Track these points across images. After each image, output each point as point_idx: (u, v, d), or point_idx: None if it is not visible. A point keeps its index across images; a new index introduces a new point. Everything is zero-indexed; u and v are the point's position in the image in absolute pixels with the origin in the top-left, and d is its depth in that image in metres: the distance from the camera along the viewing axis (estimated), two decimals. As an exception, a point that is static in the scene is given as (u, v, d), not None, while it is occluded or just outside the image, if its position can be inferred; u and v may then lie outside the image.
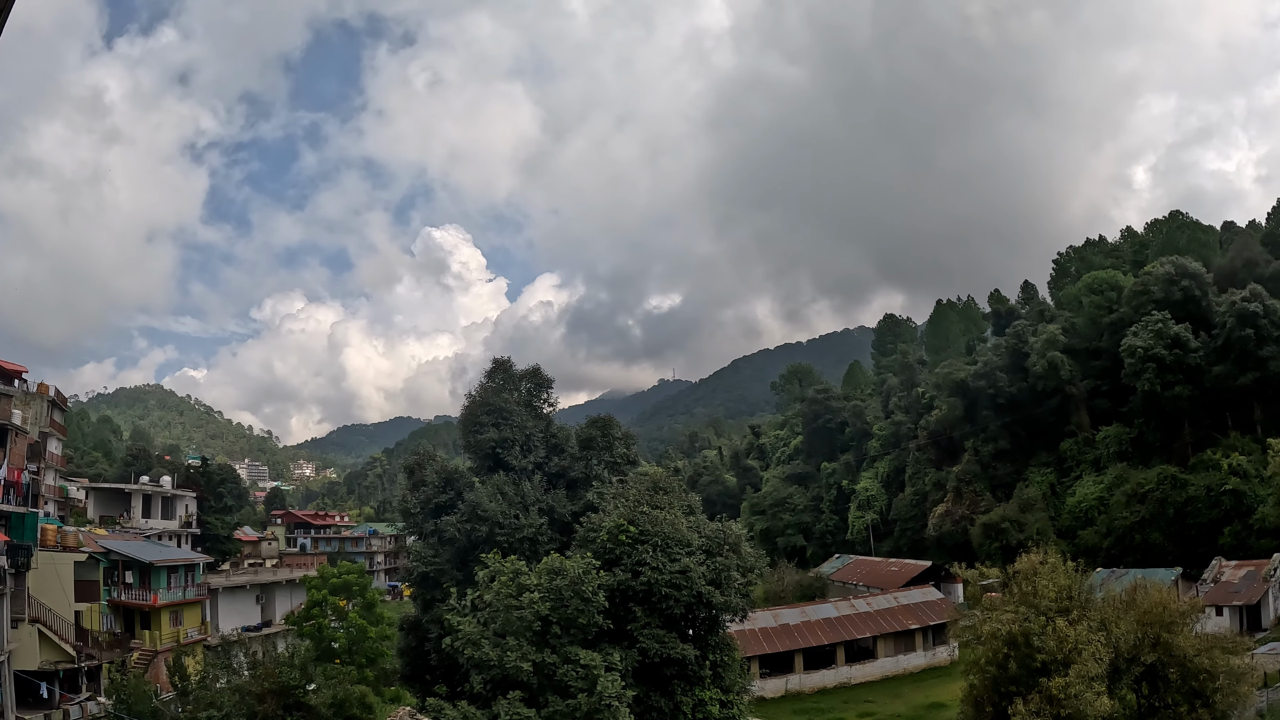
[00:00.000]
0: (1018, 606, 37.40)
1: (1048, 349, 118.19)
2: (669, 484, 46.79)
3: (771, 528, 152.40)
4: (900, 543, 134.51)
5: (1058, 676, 32.99)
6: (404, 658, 53.35)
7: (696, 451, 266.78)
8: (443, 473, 53.45)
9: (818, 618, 76.75)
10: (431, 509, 51.29)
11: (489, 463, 53.07)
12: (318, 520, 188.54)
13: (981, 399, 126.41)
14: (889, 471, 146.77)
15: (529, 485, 50.63)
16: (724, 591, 39.15)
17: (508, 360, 57.46)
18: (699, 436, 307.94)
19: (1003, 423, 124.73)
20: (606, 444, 55.58)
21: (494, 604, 34.84)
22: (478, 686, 34.26)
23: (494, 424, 53.09)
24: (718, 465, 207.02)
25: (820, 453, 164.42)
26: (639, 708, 35.51)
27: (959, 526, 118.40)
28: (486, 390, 55.27)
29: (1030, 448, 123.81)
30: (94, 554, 68.25)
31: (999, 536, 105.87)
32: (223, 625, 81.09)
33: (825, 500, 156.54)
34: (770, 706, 64.96)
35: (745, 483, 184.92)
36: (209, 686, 43.37)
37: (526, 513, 48.82)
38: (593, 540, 40.21)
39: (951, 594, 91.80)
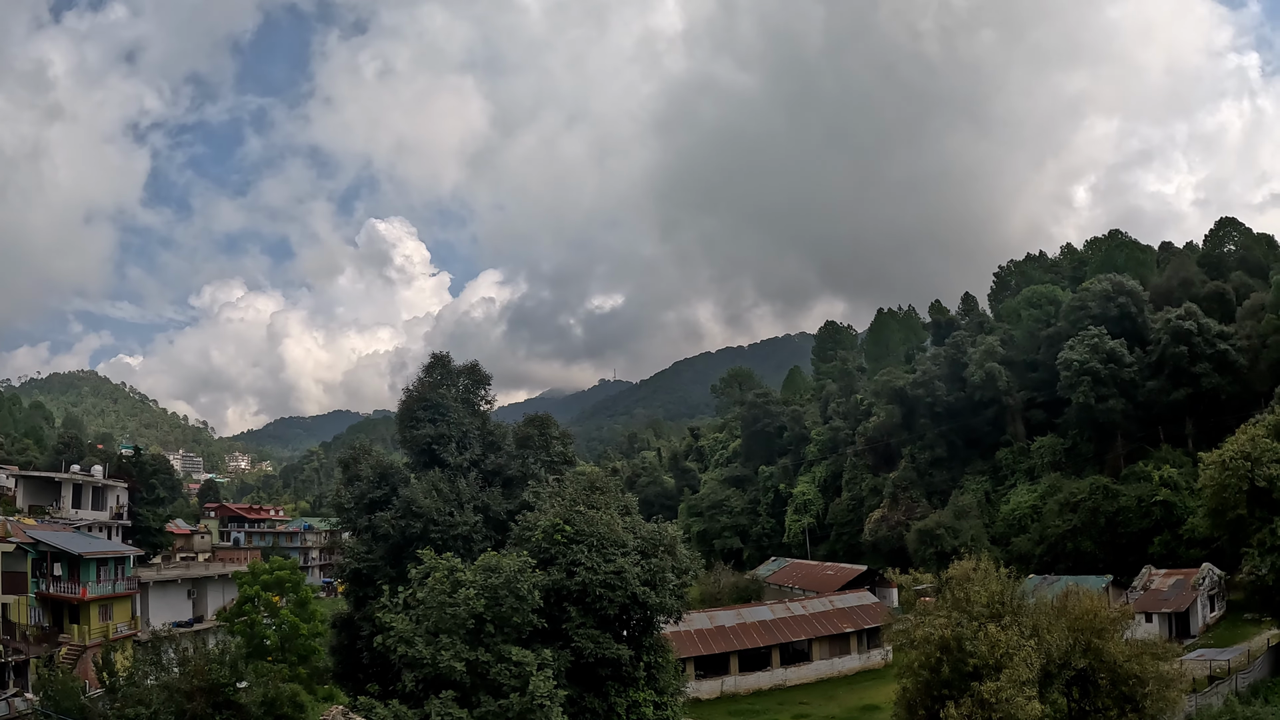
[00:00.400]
0: (950, 611, 37.85)
1: (986, 360, 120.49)
2: (606, 484, 46.63)
3: (709, 530, 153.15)
4: (836, 547, 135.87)
5: (989, 681, 33.40)
6: (336, 656, 52.64)
7: (635, 452, 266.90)
8: (378, 468, 52.74)
9: (753, 620, 77.12)
10: (366, 504, 50.60)
11: (425, 459, 52.54)
12: (252, 514, 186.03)
13: (920, 407, 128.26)
14: (826, 476, 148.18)
15: (464, 482, 50.22)
16: (659, 593, 39.07)
17: (446, 356, 56.90)
18: (638, 437, 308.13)
19: (940, 431, 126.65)
20: (544, 443, 55.27)
21: (428, 601, 34.48)
22: (410, 685, 33.87)
23: (430, 420, 52.55)
24: (656, 466, 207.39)
25: (758, 456, 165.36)
26: (573, 708, 35.35)
27: (895, 532, 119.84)
28: (424, 385, 54.70)
29: (966, 456, 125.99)
30: (22, 544, 66.81)
31: (934, 542, 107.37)
32: (153, 620, 79.53)
33: (763, 503, 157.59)
34: (705, 708, 65.18)
35: (683, 484, 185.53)
36: (138, 683, 42.59)
37: (461, 510, 48.40)
38: (528, 539, 39.98)
39: (886, 598, 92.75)
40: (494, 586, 34.35)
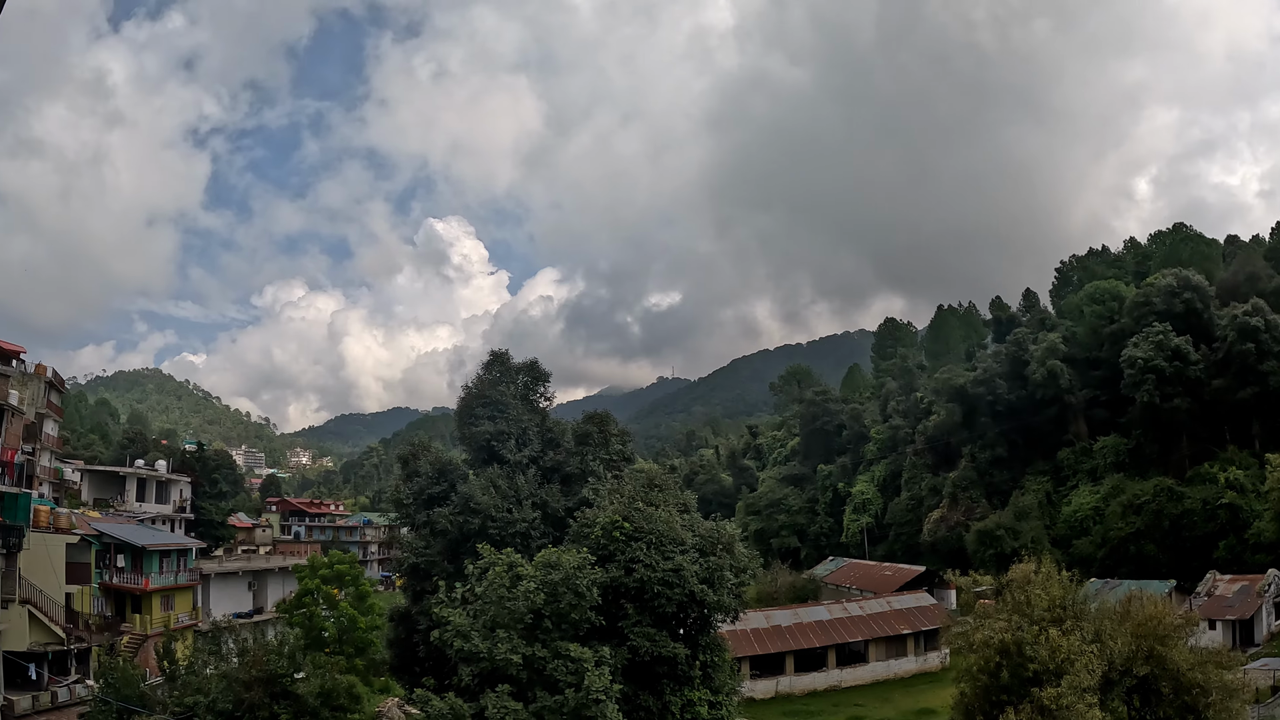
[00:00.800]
0: (1011, 615, 37.13)
1: (1048, 357, 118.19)
2: (665, 481, 46.51)
3: (766, 528, 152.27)
4: (895, 547, 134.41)
5: (1050, 687, 32.67)
6: (393, 649, 53.05)
7: (693, 450, 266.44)
8: (437, 464, 53.00)
9: (810, 620, 76.63)
10: (424, 500, 50.91)
11: (483, 455, 52.67)
12: (312, 508, 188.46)
13: (980, 406, 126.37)
14: (885, 475, 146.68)
15: (523, 479, 50.25)
16: (716, 591, 38.83)
17: (505, 353, 57.00)
18: (696, 435, 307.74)
19: (1001, 430, 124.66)
20: (603, 440, 55.11)
21: (486, 596, 34.59)
22: (466, 679, 34.03)
23: (489, 416, 52.69)
24: (714, 464, 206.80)
25: (817, 455, 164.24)
26: (627, 706, 35.27)
27: (954, 533, 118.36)
28: (483, 382, 54.86)
29: (1027, 456, 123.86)
30: (86, 536, 68.17)
31: (994, 544, 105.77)
32: (214, 611, 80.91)
33: (821, 502, 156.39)
34: (760, 708, 64.82)
35: (741, 483, 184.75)
36: (197, 672, 43.31)
37: (520, 506, 48.45)
38: (586, 536, 39.94)
39: (945, 600, 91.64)
40: (553, 582, 34.35)
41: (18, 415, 69.22)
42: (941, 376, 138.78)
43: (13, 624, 56.08)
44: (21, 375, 76.33)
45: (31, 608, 58.10)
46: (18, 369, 76.44)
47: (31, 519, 61.64)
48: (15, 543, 56.87)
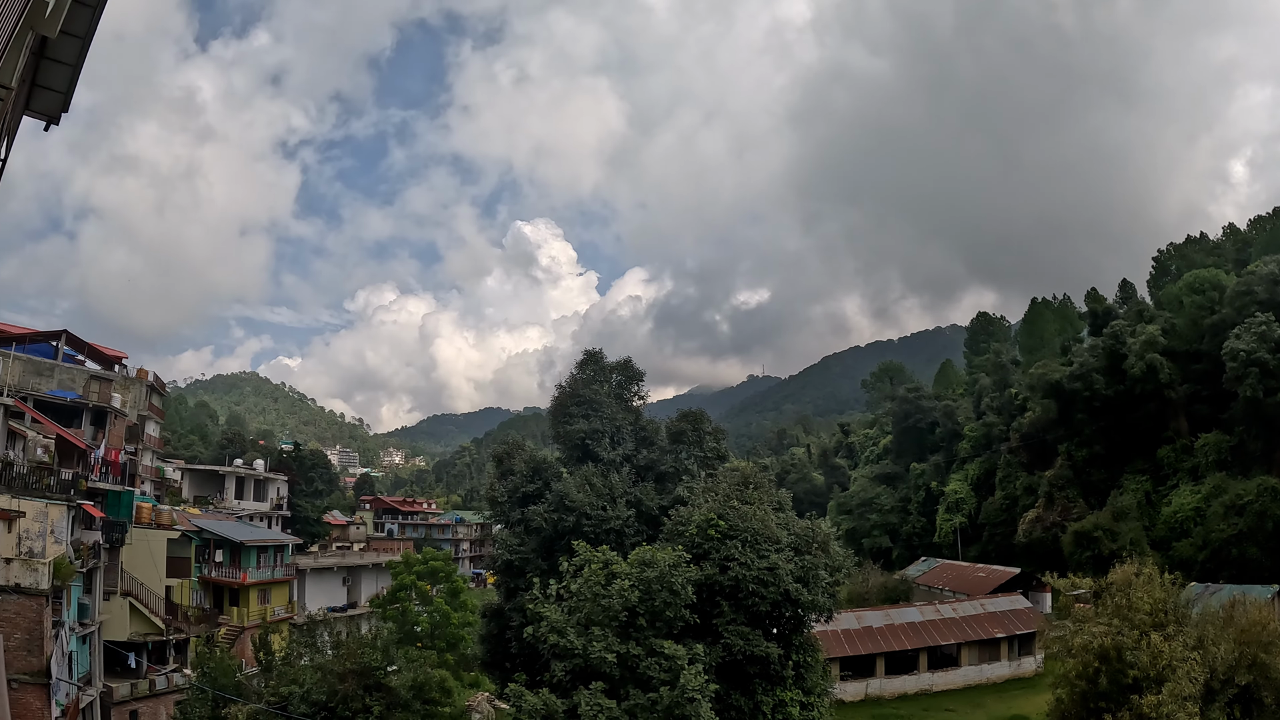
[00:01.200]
0: (1111, 619, 36.28)
1: (1146, 350, 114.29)
2: (759, 479, 46.53)
3: (858, 528, 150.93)
4: (988, 548, 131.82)
5: (1150, 694, 31.88)
6: (485, 644, 53.85)
7: (785, 449, 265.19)
8: (531, 462, 53.67)
9: (902, 621, 75.71)
10: (519, 498, 51.59)
11: (577, 454, 53.19)
12: (405, 507, 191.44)
13: (1076, 401, 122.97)
14: (979, 474, 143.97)
15: (617, 477, 50.62)
16: (811, 590, 38.68)
17: (599, 352, 57.48)
18: (787, 434, 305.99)
19: (1098, 427, 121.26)
20: (696, 438, 55.23)
21: (581, 593, 34.97)
22: (559, 675, 34.44)
23: (584, 415, 53.18)
24: (806, 463, 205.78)
25: (910, 453, 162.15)
26: (718, 705, 35.29)
27: (1049, 533, 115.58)
28: (577, 381, 55.38)
29: (1126, 454, 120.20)
30: (187, 532, 70.48)
31: (1091, 545, 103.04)
32: (309, 605, 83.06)
33: (913, 502, 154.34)
34: (849, 711, 64.13)
35: (833, 481, 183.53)
36: (292, 663, 44.58)
37: (614, 504, 48.79)
38: (681, 534, 40.15)
39: (1039, 603, 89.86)
40: (648, 580, 34.59)
41: (121, 417, 71.92)
42: (1036, 371, 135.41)
43: (114, 615, 58.47)
44: (124, 379, 79.15)
45: (133, 600, 60.46)
46: (120, 374, 79.38)
47: (134, 515, 64.05)
48: (118, 538, 59.27)
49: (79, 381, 71.11)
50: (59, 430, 55.95)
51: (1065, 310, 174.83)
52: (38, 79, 15.62)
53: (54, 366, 71.03)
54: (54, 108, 16.76)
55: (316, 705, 39.48)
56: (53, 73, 15.58)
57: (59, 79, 15.82)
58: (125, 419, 73.84)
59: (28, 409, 56.14)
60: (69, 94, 16.36)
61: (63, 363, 72.36)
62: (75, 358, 75.48)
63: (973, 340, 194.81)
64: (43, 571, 42.13)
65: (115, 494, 61.24)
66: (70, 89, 16.16)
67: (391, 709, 40.29)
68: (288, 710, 39.54)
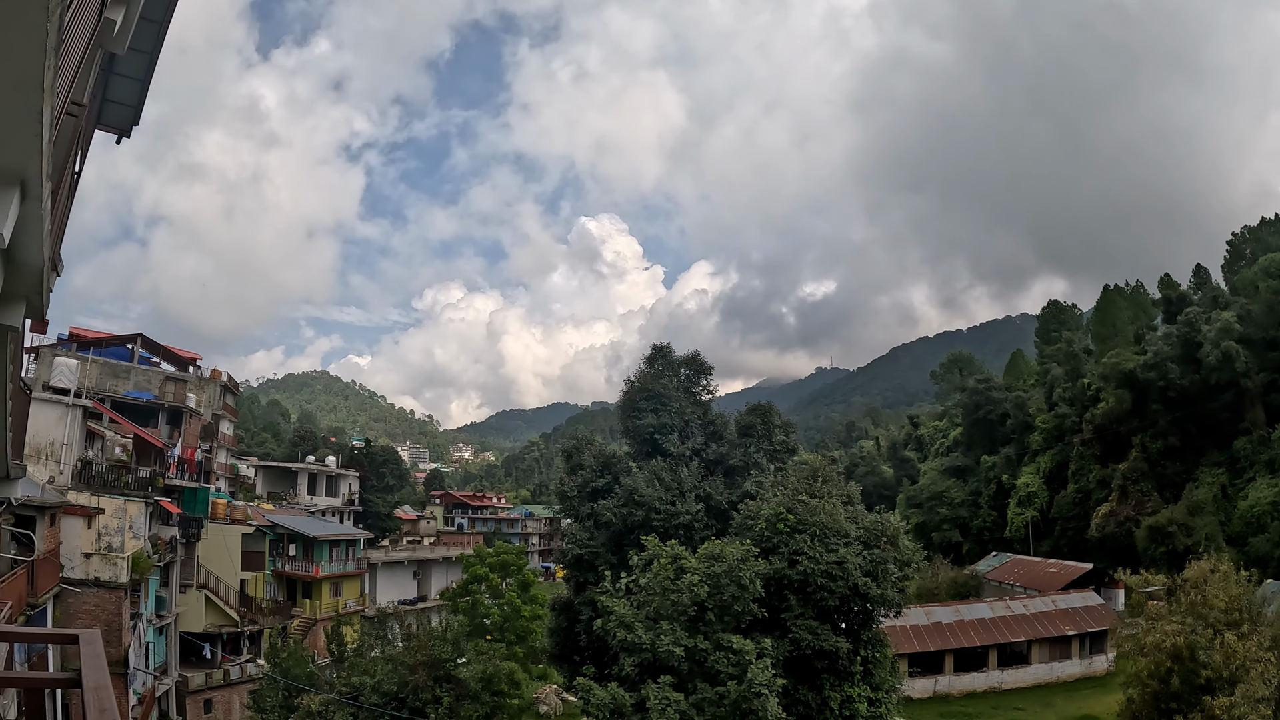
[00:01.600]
0: (1184, 617, 35.47)
1: (1221, 338, 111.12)
2: (828, 473, 46.40)
3: (927, 522, 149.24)
4: (1060, 543, 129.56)
5: (1222, 696, 31.09)
6: (554, 637, 54.23)
7: (853, 441, 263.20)
8: (600, 457, 53.91)
9: (971, 617, 74.85)
10: (588, 493, 51.85)
11: (646, 448, 53.30)
12: (475, 501, 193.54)
13: (1151, 391, 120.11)
14: (1051, 467, 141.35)
15: (686, 471, 50.61)
16: (880, 584, 38.43)
17: (667, 346, 57.44)
18: (856, 426, 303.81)
19: (1173, 418, 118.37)
20: (765, 431, 54.93)
21: (650, 587, 35.17)
22: (628, 669, 34.69)
23: (652, 409, 53.25)
24: (875, 456, 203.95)
25: (980, 445, 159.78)
26: (785, 700, 35.30)
27: (1123, 528, 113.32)
28: (645, 376, 55.44)
29: (1201, 445, 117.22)
30: (261, 527, 72.13)
31: (1165, 540, 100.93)
32: (380, 598, 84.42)
33: (984, 495, 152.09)
34: (916, 708, 63.77)
35: (902, 474, 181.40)
36: (364, 655, 45.56)
37: (683, 499, 48.82)
38: (750, 528, 40.17)
39: (1112, 600, 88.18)
40: (716, 574, 34.76)
41: (196, 416, 73.75)
42: (1109, 361, 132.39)
43: (190, 607, 60.20)
44: (198, 380, 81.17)
45: (208, 592, 62.16)
46: (195, 374, 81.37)
47: (209, 511, 65.85)
48: (194, 533, 60.98)
49: (154, 383, 73.01)
50: (136, 430, 57.56)
51: (1138, 297, 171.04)
52: (108, 94, 16.13)
53: (130, 369, 72.93)
54: (125, 121, 17.28)
55: (387, 696, 40.26)
56: (122, 87, 16.07)
57: (129, 93, 16.31)
58: (200, 418, 75.67)
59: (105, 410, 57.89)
60: (139, 108, 16.85)
61: (139, 365, 74.31)
62: (151, 360, 77.48)
63: (1044, 329, 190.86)
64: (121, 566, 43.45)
65: (191, 491, 62.88)
66: (140, 103, 16.65)
67: (460, 700, 40.93)
68: (359, 700, 40.37)
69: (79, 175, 14.82)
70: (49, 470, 44.60)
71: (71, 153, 11.11)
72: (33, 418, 33.65)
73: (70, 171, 12.05)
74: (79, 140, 11.97)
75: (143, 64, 15.24)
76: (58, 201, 9.50)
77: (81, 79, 9.55)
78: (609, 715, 33.23)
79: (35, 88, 5.90)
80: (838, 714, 37.22)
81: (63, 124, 8.35)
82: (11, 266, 8.87)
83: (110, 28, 10.44)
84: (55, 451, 45.62)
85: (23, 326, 11.73)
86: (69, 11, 6.21)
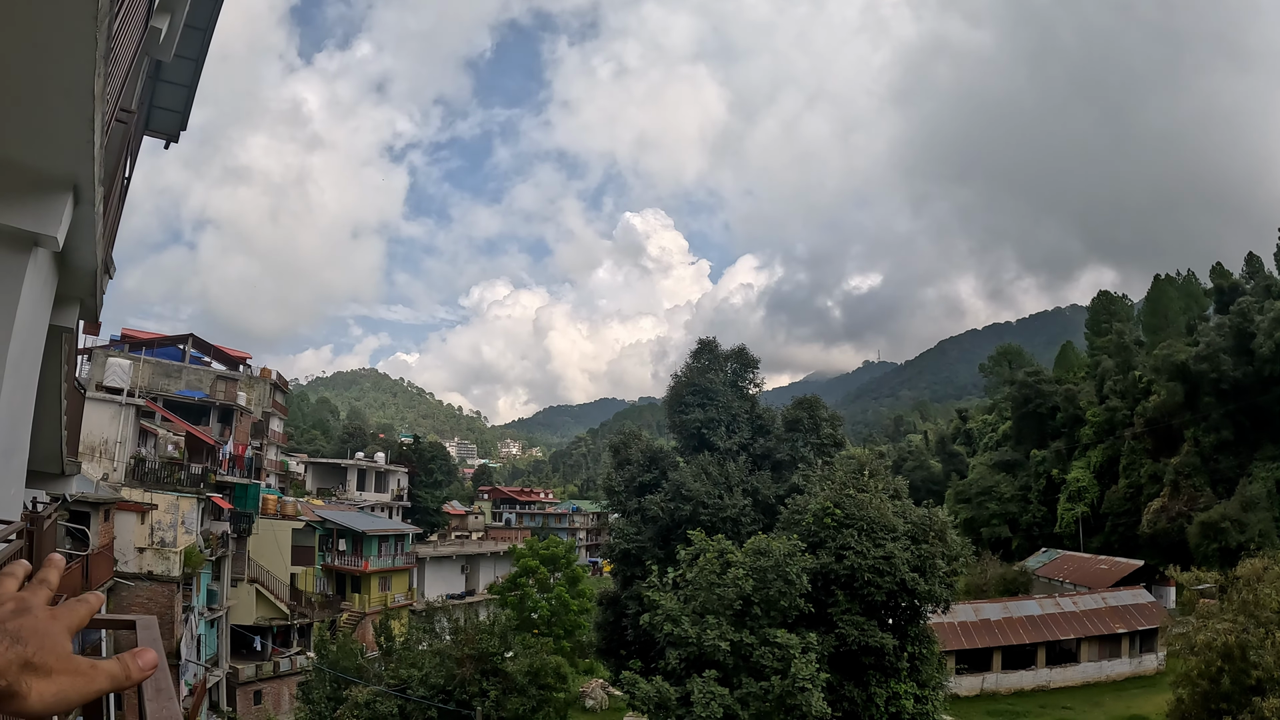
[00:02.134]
0: (1236, 616, 34.63)
1: (1275, 329, 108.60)
2: (875, 467, 46.25)
3: (976, 517, 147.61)
4: (1111, 539, 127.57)
5: (1272, 697, 30.27)
6: (601, 632, 54.45)
7: (901, 435, 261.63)
8: (647, 452, 53.97)
9: (1020, 614, 73.94)
10: (635, 487, 51.94)
11: (693, 443, 53.31)
12: (523, 496, 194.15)
13: (1203, 384, 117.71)
14: (1102, 461, 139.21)
15: (733, 466, 50.56)
16: (928, 580, 38.21)
17: (713, 340, 57.36)
18: (904, 420, 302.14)
19: (1226, 410, 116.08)
20: (813, 425, 54.69)
21: (696, 581, 35.25)
22: (673, 663, 34.81)
23: (699, 404, 53.21)
24: (923, 450, 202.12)
25: (1030, 439, 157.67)
26: (830, 696, 35.26)
27: (1175, 524, 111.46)
28: (692, 370, 55.43)
29: (1255, 439, 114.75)
30: (310, 522, 73.19)
31: (1218, 537, 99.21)
32: (428, 592, 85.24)
33: (1033, 490, 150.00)
34: (963, 705, 63.25)
35: (951, 469, 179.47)
36: (412, 648, 46.09)
37: (730, 493, 48.78)
38: (797, 522, 40.13)
39: (1163, 597, 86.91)
40: (762, 569, 34.78)
41: (246, 414, 74.91)
42: (1160, 353, 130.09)
43: (241, 600, 61.29)
44: (249, 379, 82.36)
45: (259, 586, 63.23)
46: (245, 373, 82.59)
47: (260, 507, 66.96)
48: (245, 528, 62.08)
49: (205, 382, 74.14)
50: (188, 428, 58.52)
51: (1190, 287, 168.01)
52: (155, 100, 16.48)
53: (181, 368, 74.08)
54: (172, 127, 17.66)
55: (434, 688, 40.70)
56: (169, 94, 16.42)
57: (175, 100, 16.66)
58: (250, 416, 76.77)
59: (158, 408, 58.94)
60: (186, 113, 17.22)
61: (190, 364, 75.46)
62: (202, 360, 78.69)
63: (1094, 320, 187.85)
64: (174, 560, 44.30)
65: (242, 487, 63.83)
66: (187, 109, 17.01)
67: (507, 693, 41.27)
68: (407, 693, 40.81)
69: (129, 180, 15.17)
70: (103, 467, 45.54)
71: (121, 158, 11.40)
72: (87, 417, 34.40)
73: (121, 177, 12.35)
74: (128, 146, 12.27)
75: (188, 71, 15.58)
76: (109, 206, 9.76)
77: (130, 86, 9.80)
78: (654, 709, 33.41)
79: (86, 95, 6.09)
80: (883, 710, 37.06)
81: (113, 130, 8.59)
82: (65, 269, 9.14)
83: (156, 36, 10.71)
84: (109, 449, 46.57)
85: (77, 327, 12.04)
86: (116, 20, 6.41)
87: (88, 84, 5.97)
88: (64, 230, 7.49)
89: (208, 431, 65.73)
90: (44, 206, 7.35)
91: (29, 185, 7.19)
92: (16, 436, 9.59)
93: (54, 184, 7.30)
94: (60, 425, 14.47)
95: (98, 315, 11.33)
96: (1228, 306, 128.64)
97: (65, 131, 6.58)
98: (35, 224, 7.32)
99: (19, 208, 7.24)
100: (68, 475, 19.24)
